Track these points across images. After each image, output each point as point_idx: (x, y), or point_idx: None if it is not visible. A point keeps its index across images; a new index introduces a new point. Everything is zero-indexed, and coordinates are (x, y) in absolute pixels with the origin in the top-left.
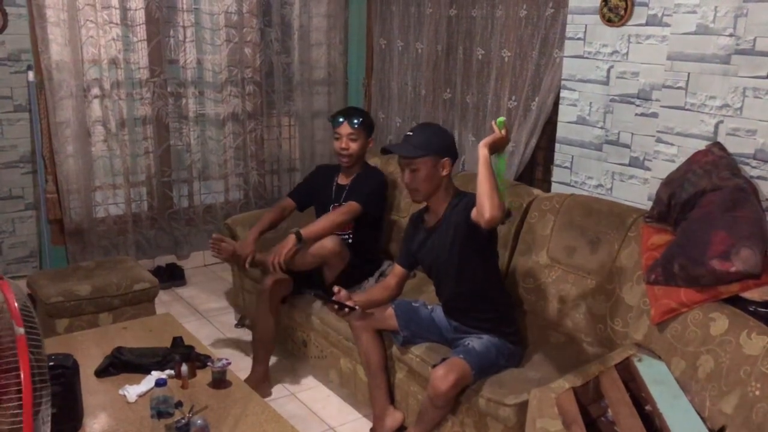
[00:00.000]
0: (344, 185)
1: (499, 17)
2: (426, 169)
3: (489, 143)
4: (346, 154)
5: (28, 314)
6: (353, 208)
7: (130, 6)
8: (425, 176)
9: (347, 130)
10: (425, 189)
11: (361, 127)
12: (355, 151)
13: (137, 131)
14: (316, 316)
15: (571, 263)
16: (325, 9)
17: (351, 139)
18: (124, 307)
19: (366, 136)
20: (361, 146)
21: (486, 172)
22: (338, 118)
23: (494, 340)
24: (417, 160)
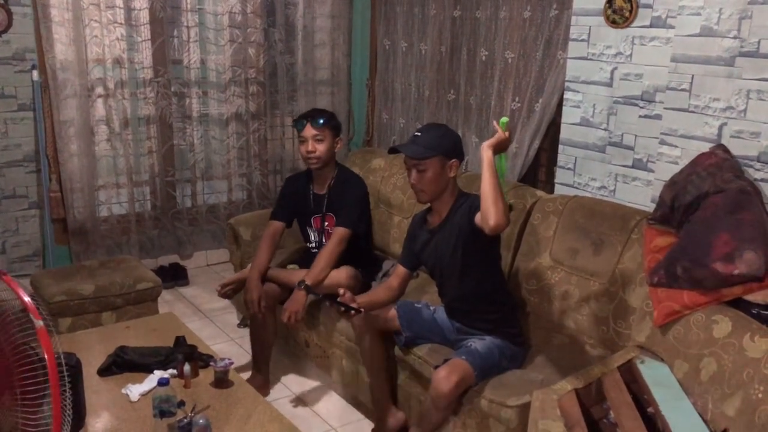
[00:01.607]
0: (322, 194)
1: (503, 18)
2: (434, 170)
3: (493, 144)
4: (314, 156)
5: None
6: (343, 235)
7: (134, 6)
8: (432, 177)
9: (311, 131)
10: (431, 190)
11: (325, 126)
12: (323, 152)
13: (141, 131)
14: (319, 316)
15: (574, 265)
16: (329, 9)
17: (317, 140)
18: (127, 306)
19: (332, 136)
20: (328, 147)
21: (491, 177)
22: (301, 120)
23: (497, 342)
24: (425, 160)
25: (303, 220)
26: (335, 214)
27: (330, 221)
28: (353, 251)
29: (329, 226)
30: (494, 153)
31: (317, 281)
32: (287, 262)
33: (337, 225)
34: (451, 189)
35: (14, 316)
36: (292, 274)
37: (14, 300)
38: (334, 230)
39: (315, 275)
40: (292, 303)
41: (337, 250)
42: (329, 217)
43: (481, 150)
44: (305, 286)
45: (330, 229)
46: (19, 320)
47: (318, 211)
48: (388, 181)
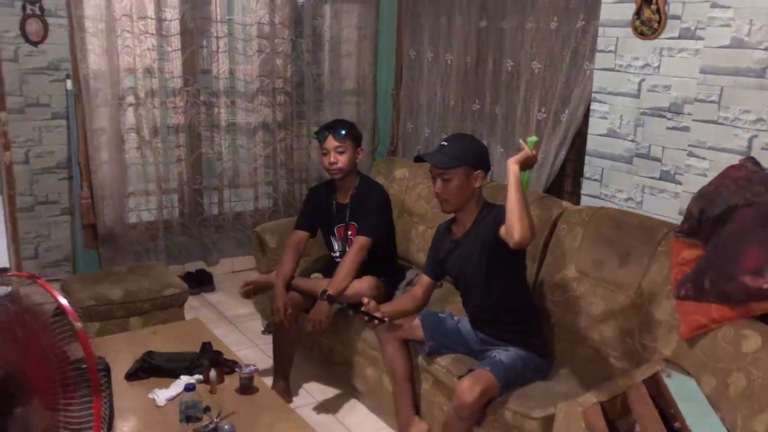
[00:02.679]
0: (345, 204)
1: (529, 29)
2: (459, 180)
3: (520, 160)
4: (336, 168)
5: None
6: (364, 243)
7: (165, 17)
8: (457, 187)
9: (333, 143)
10: (456, 200)
11: (347, 138)
12: (345, 163)
13: (170, 139)
14: (342, 324)
15: (599, 277)
16: (356, 20)
17: (338, 152)
18: (154, 311)
19: (354, 146)
20: (349, 158)
21: (517, 193)
22: (323, 132)
23: (521, 353)
24: (450, 170)
25: (326, 229)
26: (357, 223)
27: (353, 230)
28: (376, 260)
29: (352, 235)
30: (521, 169)
31: (339, 291)
32: (311, 271)
33: (358, 234)
34: (476, 199)
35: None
36: (316, 284)
37: (46, 304)
38: (355, 239)
39: (337, 285)
40: (315, 313)
41: (358, 259)
42: (352, 226)
43: (507, 165)
44: (328, 296)
45: (353, 238)
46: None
47: (341, 220)
48: (413, 190)
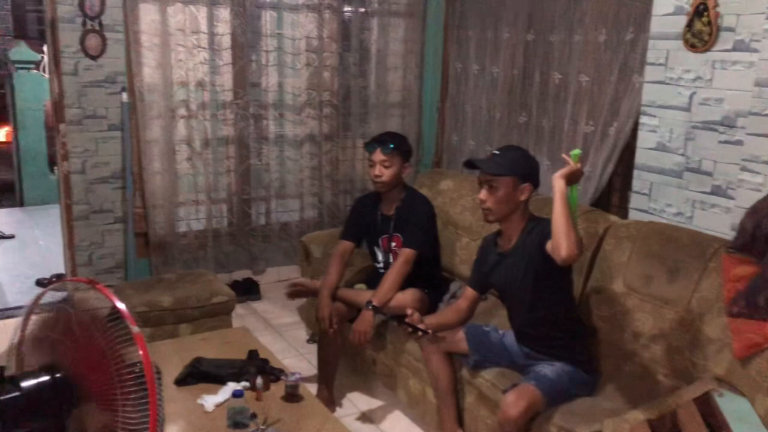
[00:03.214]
0: (389, 215)
1: (577, 42)
2: (505, 190)
3: (565, 175)
4: (380, 181)
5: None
6: (410, 256)
7: (217, 31)
8: (503, 196)
9: (380, 156)
10: (499, 210)
11: (394, 152)
12: (389, 177)
13: (220, 150)
14: (386, 335)
15: (648, 292)
16: (403, 34)
17: (384, 166)
18: (202, 319)
19: (401, 162)
20: (395, 173)
21: (562, 208)
22: (372, 144)
23: (567, 368)
24: (499, 178)
25: (371, 240)
26: (402, 235)
27: (397, 242)
28: (420, 273)
29: (396, 247)
30: (567, 184)
31: (384, 302)
32: (355, 282)
33: (404, 246)
34: (522, 212)
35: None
36: (360, 295)
37: (101, 309)
38: (401, 251)
39: (382, 296)
40: (360, 323)
41: (403, 271)
42: (396, 237)
43: (553, 180)
44: (372, 307)
45: (397, 249)
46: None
47: (385, 231)
48: (457, 202)
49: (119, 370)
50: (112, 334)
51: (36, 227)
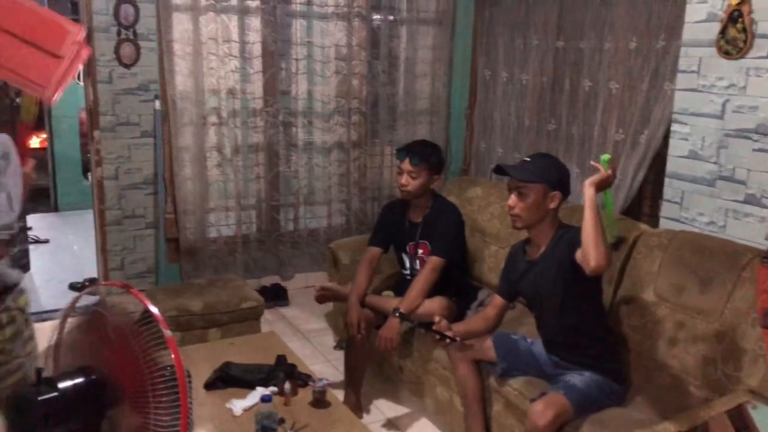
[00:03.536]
0: (417, 223)
1: (607, 49)
2: (535, 197)
3: (595, 182)
4: (405, 190)
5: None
6: (437, 264)
7: (248, 40)
8: (531, 203)
9: (407, 167)
10: (527, 217)
11: (421, 165)
12: (415, 188)
13: (250, 157)
14: (414, 343)
15: (679, 302)
16: (431, 41)
17: (411, 177)
18: (231, 324)
19: (429, 173)
20: (421, 184)
21: (592, 217)
22: (402, 153)
23: (596, 378)
24: (528, 184)
25: (398, 246)
26: (429, 243)
27: (424, 249)
28: (448, 280)
29: (423, 254)
30: (597, 191)
31: (411, 309)
32: (382, 288)
33: (431, 254)
34: (551, 220)
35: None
36: (387, 301)
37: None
38: (428, 259)
39: (409, 303)
40: (386, 330)
41: (431, 279)
42: (423, 244)
43: (583, 187)
44: (399, 314)
45: (424, 256)
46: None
47: (413, 238)
48: (485, 210)
49: (152, 373)
50: (144, 337)
51: (70, 232)
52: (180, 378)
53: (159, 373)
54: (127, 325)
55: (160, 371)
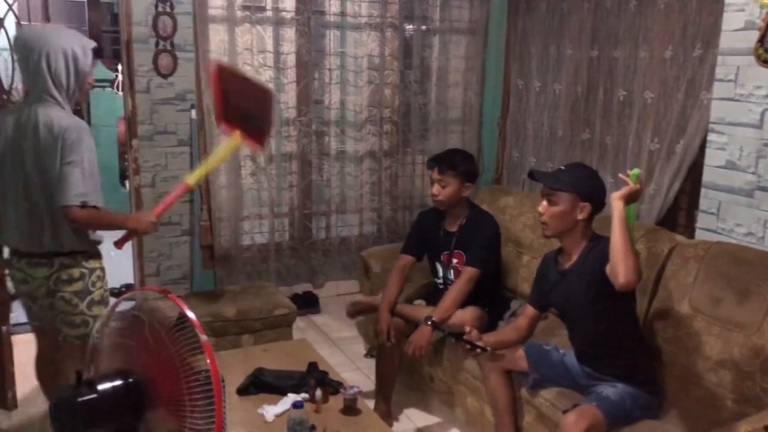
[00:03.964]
0: (452, 232)
1: (642, 58)
2: (564, 206)
3: (624, 196)
4: (436, 199)
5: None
6: (473, 275)
7: (282, 50)
8: (560, 212)
9: (436, 176)
10: (555, 225)
11: (449, 173)
12: (445, 197)
13: (283, 166)
14: (444, 352)
15: (716, 314)
16: (464, 51)
17: (441, 186)
18: (264, 330)
19: (460, 182)
20: (452, 193)
21: (621, 231)
22: (431, 163)
23: (629, 390)
24: (558, 192)
25: (432, 255)
26: (465, 252)
27: (459, 259)
28: (481, 291)
29: (458, 264)
30: (625, 204)
31: (444, 318)
32: (414, 297)
33: (467, 264)
34: (582, 231)
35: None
36: (418, 310)
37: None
38: (464, 269)
39: (442, 312)
40: (417, 336)
41: (466, 289)
42: (458, 254)
43: (610, 201)
44: (432, 322)
45: (459, 266)
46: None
47: (447, 247)
48: (518, 219)
49: (187, 377)
50: (181, 342)
51: (107, 238)
52: (215, 383)
53: (194, 378)
54: (164, 330)
55: (196, 376)
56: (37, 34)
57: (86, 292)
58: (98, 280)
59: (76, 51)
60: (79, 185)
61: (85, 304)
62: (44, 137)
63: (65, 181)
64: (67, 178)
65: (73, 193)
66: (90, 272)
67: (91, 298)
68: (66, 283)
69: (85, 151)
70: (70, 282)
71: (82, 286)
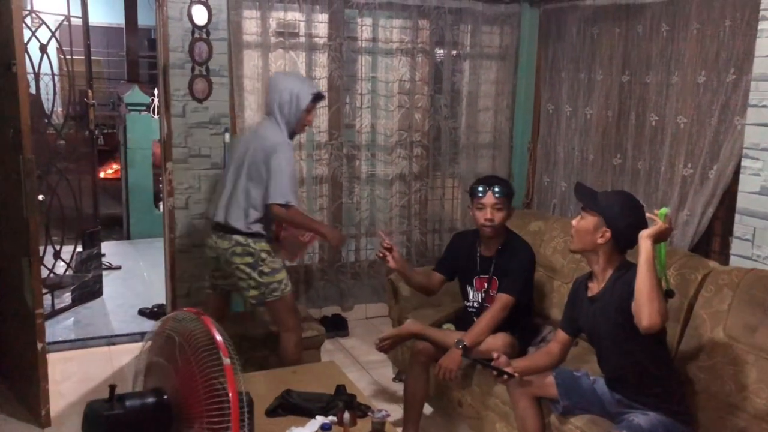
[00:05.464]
0: (489, 257)
1: (675, 83)
2: (587, 225)
3: (653, 235)
4: (491, 225)
5: (230, 349)
6: (507, 302)
7: (315, 75)
8: (583, 230)
9: (492, 200)
10: (576, 240)
11: (505, 195)
12: (500, 220)
13: (314, 189)
14: (474, 377)
15: (751, 342)
16: (495, 76)
17: (496, 209)
18: None
19: (509, 205)
20: (505, 216)
21: (648, 273)
22: (479, 187)
23: (661, 418)
24: (588, 210)
25: (465, 278)
26: (499, 279)
27: (493, 284)
28: (513, 318)
29: (492, 289)
30: (654, 243)
31: (475, 343)
32: (444, 321)
33: (502, 291)
34: (607, 257)
35: (206, 351)
36: (448, 335)
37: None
38: (498, 296)
39: (474, 337)
40: (447, 360)
41: (500, 316)
42: (493, 280)
43: (639, 240)
44: (463, 346)
45: (492, 292)
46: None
47: (484, 272)
48: (548, 244)
49: (210, 398)
50: (206, 363)
51: (141, 259)
52: (233, 406)
53: (214, 399)
54: (191, 351)
55: (216, 397)
56: (284, 77)
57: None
58: (266, 257)
59: (299, 93)
60: (284, 188)
61: (256, 273)
62: (260, 146)
63: (273, 183)
64: (274, 180)
65: (279, 194)
66: (257, 251)
67: (260, 270)
68: (239, 257)
69: (287, 161)
70: (241, 256)
71: (252, 260)
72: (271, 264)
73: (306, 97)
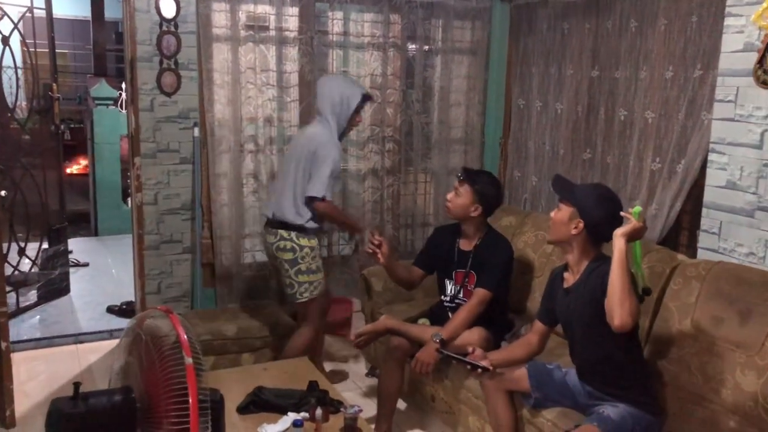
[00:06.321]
0: (467, 251)
1: (643, 78)
2: (562, 216)
3: (627, 233)
4: (446, 205)
5: (194, 348)
6: (484, 297)
7: (285, 69)
8: (558, 221)
9: (456, 184)
10: (553, 231)
11: (467, 187)
12: (455, 205)
13: None
14: (446, 371)
15: (717, 334)
16: (466, 71)
17: (456, 194)
18: (264, 348)
19: (472, 199)
20: (460, 204)
21: (620, 272)
22: (459, 172)
23: (631, 410)
24: (561, 202)
25: (444, 271)
26: (479, 274)
27: (471, 278)
28: (489, 313)
29: (469, 283)
30: (627, 242)
31: (452, 337)
32: (418, 317)
33: (480, 286)
34: (581, 248)
35: (172, 350)
36: (424, 330)
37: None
38: (476, 291)
39: (451, 331)
40: (424, 354)
41: (477, 311)
42: (471, 274)
43: (612, 238)
44: (440, 340)
45: (469, 285)
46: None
47: (461, 266)
48: (519, 239)
49: (168, 398)
50: (170, 362)
51: (109, 256)
52: (192, 407)
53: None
54: (155, 349)
55: (179, 397)
56: (332, 79)
57: (295, 262)
58: (306, 255)
59: (350, 95)
60: (323, 183)
61: (293, 271)
62: (308, 143)
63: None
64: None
65: (316, 188)
66: (300, 248)
67: (298, 268)
68: (282, 252)
69: (332, 159)
70: (284, 251)
71: (293, 256)
72: (311, 263)
73: (356, 98)
